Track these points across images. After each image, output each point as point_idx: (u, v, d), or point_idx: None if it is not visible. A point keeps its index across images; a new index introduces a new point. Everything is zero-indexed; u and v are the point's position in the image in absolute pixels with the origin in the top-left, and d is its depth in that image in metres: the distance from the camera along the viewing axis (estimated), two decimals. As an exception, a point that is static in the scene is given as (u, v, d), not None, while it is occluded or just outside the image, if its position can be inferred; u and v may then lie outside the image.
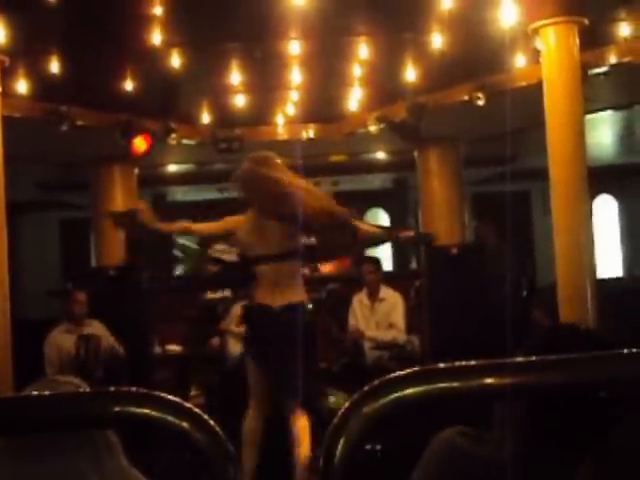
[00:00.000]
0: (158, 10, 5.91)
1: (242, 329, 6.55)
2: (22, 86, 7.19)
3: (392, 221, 15.44)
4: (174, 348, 9.22)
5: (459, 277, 8.98)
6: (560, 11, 6.14)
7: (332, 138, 9.78)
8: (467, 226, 10.24)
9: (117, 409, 1.07)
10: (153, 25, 6.17)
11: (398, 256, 14.99)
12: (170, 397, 1.07)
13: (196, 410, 1.05)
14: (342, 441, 1.10)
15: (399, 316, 8.29)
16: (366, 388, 1.20)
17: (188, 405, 1.06)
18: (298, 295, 5.33)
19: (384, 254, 14.27)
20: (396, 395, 1.19)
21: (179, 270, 14.33)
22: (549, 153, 6.22)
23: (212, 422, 1.04)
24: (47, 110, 7.76)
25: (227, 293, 9.25)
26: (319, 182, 12.77)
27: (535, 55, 6.68)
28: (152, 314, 9.45)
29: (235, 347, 7.70)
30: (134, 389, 1.10)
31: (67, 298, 8.04)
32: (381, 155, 11.79)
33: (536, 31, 6.25)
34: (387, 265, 12.20)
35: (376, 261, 8.81)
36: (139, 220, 5.28)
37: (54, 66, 6.78)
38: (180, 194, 13.87)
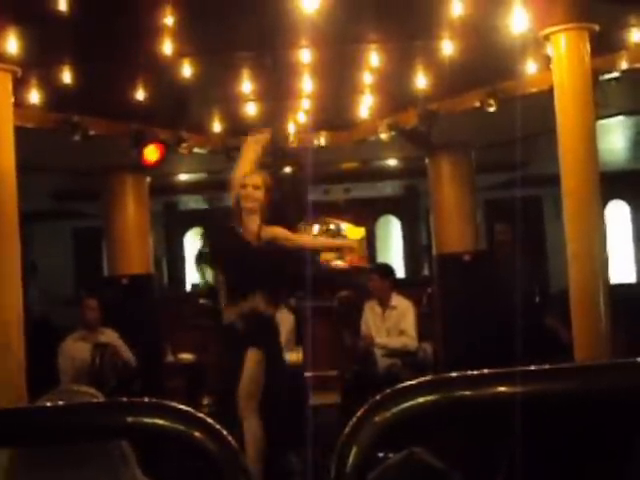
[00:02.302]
0: (169, 20, 5.93)
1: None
2: (35, 96, 7.22)
3: (404, 228, 15.43)
4: (186, 357, 9.23)
5: (471, 284, 8.97)
6: (571, 17, 6.13)
7: (343, 146, 9.79)
8: (479, 233, 10.22)
9: (130, 419, 1.08)
10: (164, 35, 6.19)
11: (410, 263, 14.98)
12: (183, 407, 1.08)
13: (209, 420, 1.05)
14: (354, 450, 1.10)
15: (410, 323, 8.29)
16: (377, 397, 1.21)
17: (201, 415, 1.07)
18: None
19: (396, 261, 14.28)
20: (407, 404, 1.19)
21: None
22: (560, 159, 6.20)
23: (225, 432, 1.05)
24: (59, 120, 7.79)
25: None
26: (330, 189, 12.84)
27: (546, 61, 6.67)
28: (165, 322, 9.48)
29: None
30: (147, 399, 1.11)
31: (80, 305, 8.11)
32: (392, 162, 11.79)
33: (547, 37, 6.24)
34: (399, 272, 12.17)
35: (382, 270, 8.80)
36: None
37: (66, 76, 6.80)
38: (192, 202, 13.90)
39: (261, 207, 5.74)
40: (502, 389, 1.27)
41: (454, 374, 1.30)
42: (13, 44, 5.88)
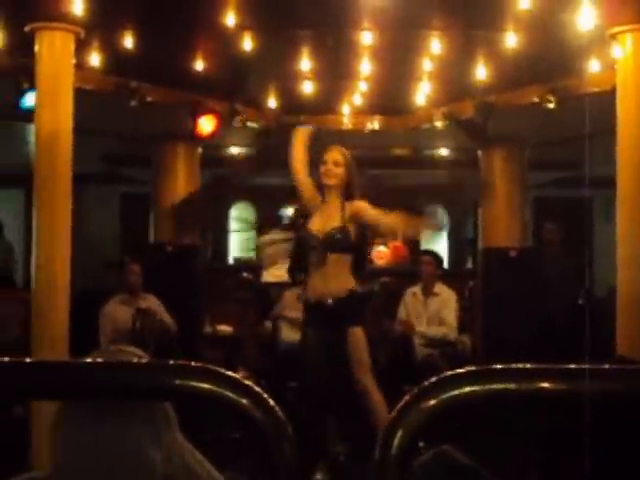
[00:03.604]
0: (234, -8, 5.94)
1: (296, 314, 6.69)
2: (95, 59, 7.26)
3: (451, 219, 15.35)
4: (225, 328, 9.28)
5: (515, 280, 8.91)
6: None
7: (396, 131, 9.74)
8: (526, 230, 10.13)
9: (178, 382, 1.08)
10: (228, 6, 6.19)
11: (453, 255, 14.90)
12: (231, 374, 1.08)
13: (257, 388, 1.05)
14: (400, 433, 1.09)
15: (451, 313, 8.26)
16: (426, 383, 1.20)
17: (249, 382, 1.07)
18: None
19: (440, 252, 14.20)
20: (455, 392, 1.18)
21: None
22: (618, 161, 6.12)
23: (272, 402, 1.05)
24: (118, 84, 7.84)
25: (284, 278, 9.29)
26: (379, 175, 12.79)
27: (610, 61, 6.57)
28: (205, 293, 9.53)
29: (289, 333, 7.70)
30: (195, 363, 1.11)
31: (123, 270, 8.19)
32: (444, 152, 11.72)
33: (613, 36, 6.14)
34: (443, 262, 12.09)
35: (434, 254, 8.80)
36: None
37: (127, 41, 6.83)
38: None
39: (342, 184, 5.74)
40: (546, 385, 1.26)
41: (501, 366, 1.29)
42: (77, 5, 5.91)
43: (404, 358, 7.85)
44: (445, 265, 13.92)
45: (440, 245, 14.99)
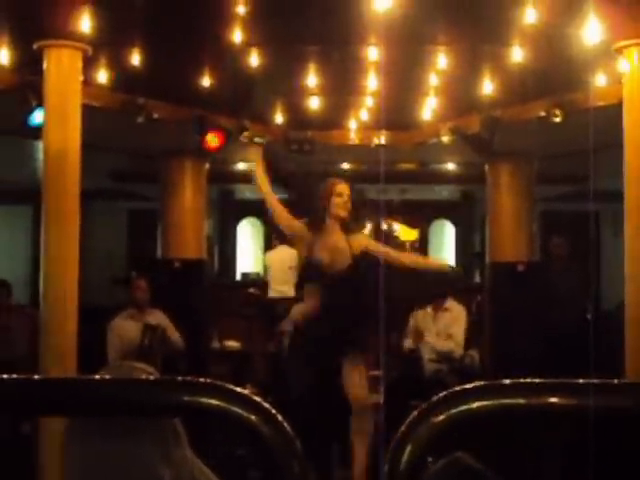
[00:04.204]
0: (241, 9, 5.95)
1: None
2: (103, 76, 7.29)
3: (457, 233, 15.36)
4: (232, 344, 9.29)
5: (523, 294, 8.90)
6: (646, 32, 6.03)
7: (403, 146, 9.75)
8: (534, 244, 10.12)
9: (186, 398, 1.08)
10: (235, 23, 6.21)
11: (462, 269, 14.89)
12: (239, 390, 1.08)
13: (265, 404, 1.05)
14: (408, 448, 1.09)
15: (460, 329, 8.25)
16: (434, 398, 1.20)
17: (258, 399, 1.06)
18: None
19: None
20: (464, 407, 1.18)
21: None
22: (625, 175, 6.11)
23: (280, 417, 1.05)
24: (125, 101, 7.87)
25: (288, 294, 9.30)
26: (386, 189, 12.81)
27: (616, 75, 6.57)
28: (213, 309, 9.54)
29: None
30: (204, 380, 1.11)
31: (131, 285, 8.21)
32: (451, 166, 11.73)
33: (619, 50, 6.15)
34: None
35: None
36: None
37: (135, 58, 6.86)
38: (248, 192, 13.96)
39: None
40: (555, 400, 1.25)
41: (510, 381, 1.29)
42: (85, 23, 5.95)
43: (413, 374, 7.83)
44: (453, 280, 13.92)
45: (448, 258, 15.00)
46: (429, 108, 8.64)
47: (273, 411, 1.07)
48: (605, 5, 5.74)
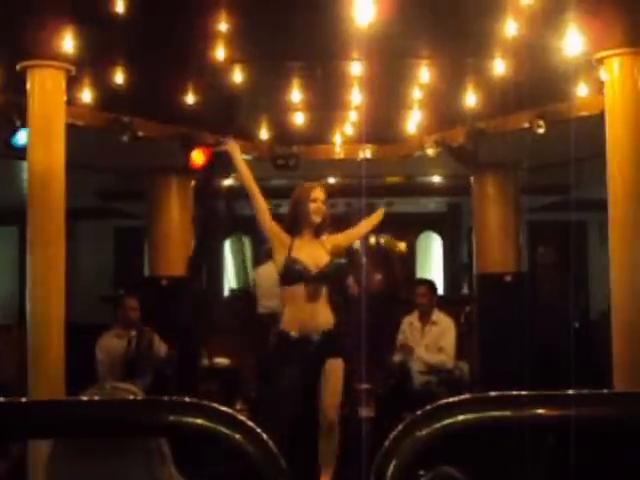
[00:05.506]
0: (223, 27, 5.97)
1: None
2: (87, 95, 7.30)
3: (445, 245, 15.37)
4: (222, 361, 9.26)
5: (511, 305, 8.92)
6: (626, 42, 6.07)
7: (389, 159, 9.78)
8: (521, 254, 10.15)
9: (172, 418, 1.09)
10: (218, 40, 6.23)
11: (449, 280, 14.91)
12: (224, 408, 1.08)
13: (250, 423, 1.05)
14: (393, 463, 1.10)
15: (449, 341, 8.25)
16: (419, 413, 1.20)
17: (242, 418, 1.07)
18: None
19: (435, 278, 14.22)
20: (448, 421, 1.19)
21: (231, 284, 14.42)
22: (609, 185, 6.13)
23: (265, 436, 1.05)
24: (110, 120, 7.88)
25: (275, 309, 9.27)
26: (373, 203, 12.82)
27: (598, 85, 6.61)
28: (202, 325, 9.52)
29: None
30: (189, 399, 1.11)
31: (119, 304, 8.18)
32: (437, 179, 11.77)
33: (600, 61, 6.19)
34: (438, 290, 12.12)
35: (430, 284, 8.79)
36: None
37: (118, 77, 6.87)
38: (236, 208, 13.94)
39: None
40: (541, 411, 1.26)
41: (495, 393, 1.30)
42: (69, 43, 5.95)
43: (402, 386, 7.83)
44: (440, 291, 13.95)
45: (435, 270, 15.02)
46: (414, 121, 8.67)
47: (258, 430, 1.08)
48: (585, 16, 5.79)
